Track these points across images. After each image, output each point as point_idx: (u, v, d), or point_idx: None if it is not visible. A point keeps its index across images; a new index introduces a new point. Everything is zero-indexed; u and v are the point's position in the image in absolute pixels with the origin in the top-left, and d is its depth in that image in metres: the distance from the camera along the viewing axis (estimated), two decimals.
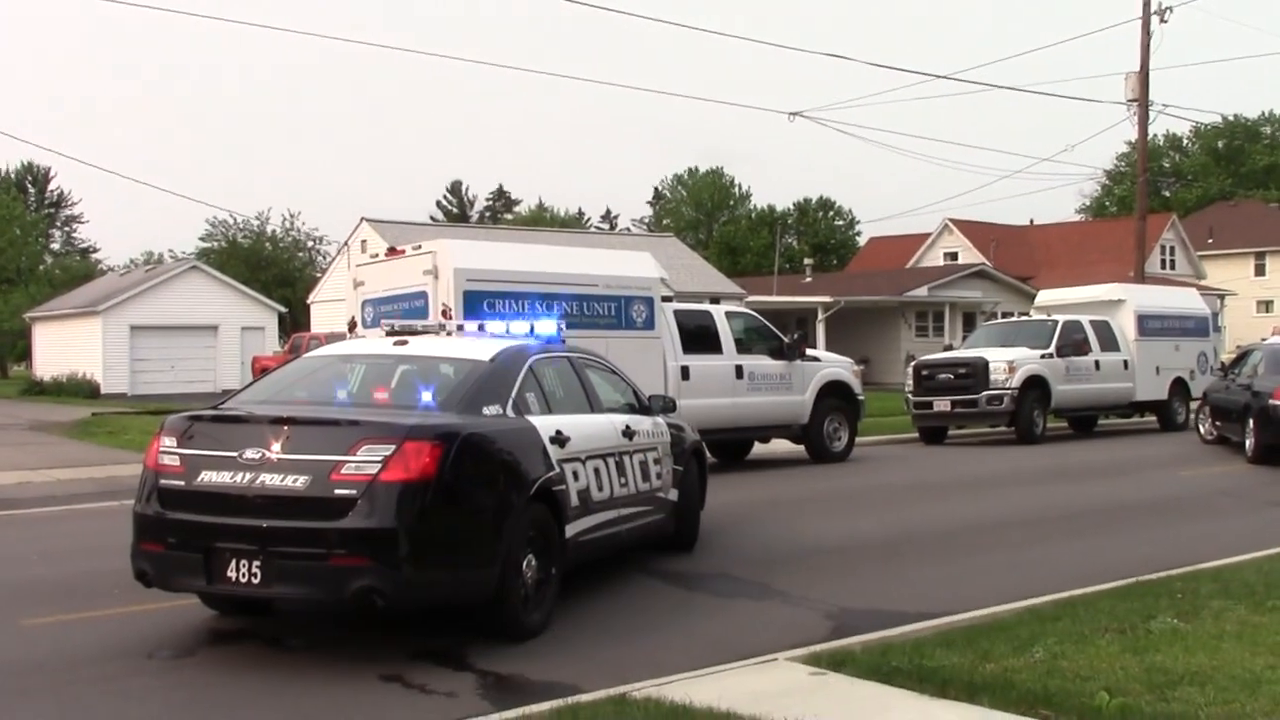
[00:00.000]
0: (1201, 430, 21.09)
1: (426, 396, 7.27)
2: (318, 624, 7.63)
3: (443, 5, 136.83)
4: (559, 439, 7.62)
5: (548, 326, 8.93)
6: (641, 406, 9.56)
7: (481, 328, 9.06)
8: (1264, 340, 23.62)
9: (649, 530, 9.31)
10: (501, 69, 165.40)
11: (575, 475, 7.79)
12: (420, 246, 14.36)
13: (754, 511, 12.59)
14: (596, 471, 8.14)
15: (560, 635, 7.21)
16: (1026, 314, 26.19)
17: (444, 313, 12.38)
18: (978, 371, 21.14)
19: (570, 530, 7.66)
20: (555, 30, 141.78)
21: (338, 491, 6.34)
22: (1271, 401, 16.59)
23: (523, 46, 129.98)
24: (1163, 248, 58.09)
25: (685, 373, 15.70)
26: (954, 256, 58.93)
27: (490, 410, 7.32)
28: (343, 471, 6.37)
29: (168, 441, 6.88)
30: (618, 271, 15.29)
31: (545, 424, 7.62)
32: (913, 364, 22.98)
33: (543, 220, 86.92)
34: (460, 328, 9.25)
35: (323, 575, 6.37)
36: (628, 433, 8.82)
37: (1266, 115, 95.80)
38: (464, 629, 7.03)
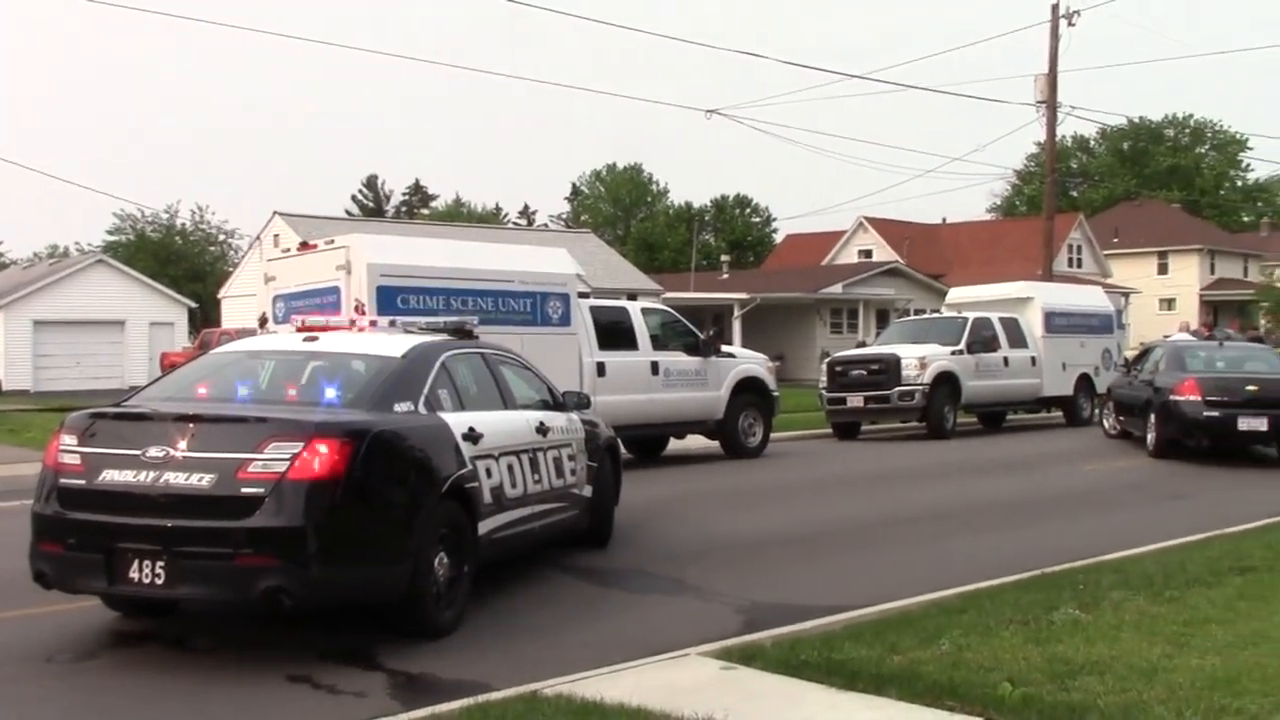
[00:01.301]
0: (1105, 425, 21.59)
1: (336, 393, 7.19)
2: (224, 624, 7.50)
3: None
4: (472, 436, 7.58)
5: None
6: (556, 403, 9.54)
7: (394, 323, 8.98)
8: (1168, 337, 24.26)
9: (563, 527, 9.30)
10: (419, 63, 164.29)
11: (488, 472, 7.76)
12: (333, 241, 14.20)
13: (669, 507, 12.64)
14: (510, 468, 8.11)
15: (473, 633, 7.18)
16: (938, 311, 26.60)
17: (357, 308, 12.23)
18: (890, 368, 21.40)
19: (483, 527, 7.63)
20: (474, 25, 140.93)
21: (244, 490, 6.24)
22: (1172, 397, 17.03)
23: (440, 41, 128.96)
24: (1070, 246, 59.33)
25: (601, 369, 15.70)
26: (868, 254, 59.67)
27: (402, 407, 7.25)
28: (250, 469, 6.27)
29: (68, 440, 6.72)
30: (533, 267, 15.25)
31: (458, 421, 7.58)
32: (827, 360, 23.20)
33: (460, 216, 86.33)
34: (373, 323, 9.16)
35: (229, 575, 6.27)
36: (542, 429, 8.80)
37: (1170, 118, 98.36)
38: (374, 627, 6.96)
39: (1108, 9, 35.71)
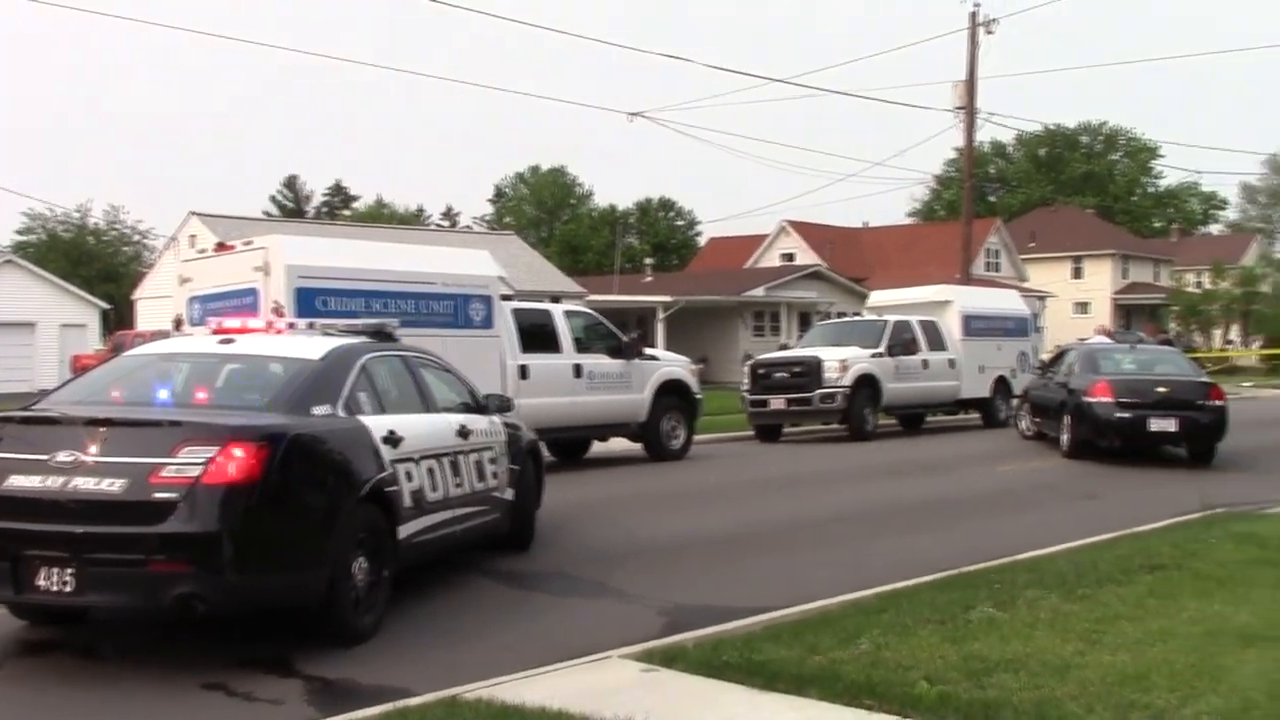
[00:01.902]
0: (1021, 426, 21.94)
1: (253, 396, 7.10)
2: (136, 632, 7.35)
3: None
4: (392, 439, 7.51)
5: None
6: (478, 406, 9.49)
7: (312, 325, 8.87)
8: (1084, 340, 24.75)
9: (485, 530, 9.25)
10: (340, 62, 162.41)
11: (409, 475, 7.69)
12: (251, 242, 13.99)
13: (591, 510, 12.62)
14: (431, 472, 8.05)
15: (392, 638, 7.11)
16: (859, 314, 26.85)
17: (275, 310, 12.07)
18: (812, 370, 21.57)
19: (404, 531, 7.56)
20: (397, 24, 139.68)
21: (157, 495, 6.13)
22: (1086, 399, 17.37)
23: (363, 40, 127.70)
24: (988, 251, 60.30)
25: (524, 372, 15.64)
26: (791, 257, 60.12)
27: (320, 410, 7.17)
28: (163, 474, 6.15)
29: None
30: (456, 270, 15.15)
31: (378, 424, 7.50)
32: (749, 363, 23.33)
33: (381, 217, 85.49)
34: (291, 325, 9.04)
35: (141, 582, 6.14)
36: (463, 432, 8.75)
37: (1084, 125, 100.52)
38: (292, 633, 6.87)
39: (1025, 18, 36.37)
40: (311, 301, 13.02)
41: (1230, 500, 12.63)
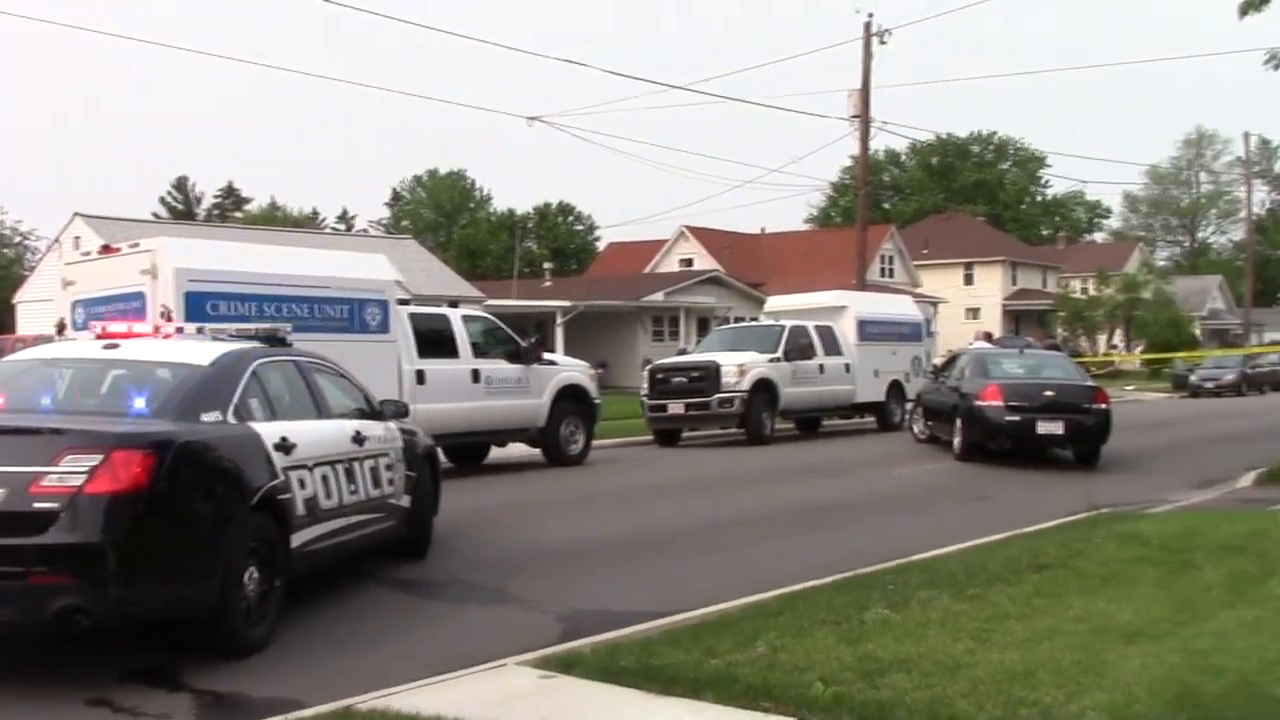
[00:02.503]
0: (915, 430, 22.33)
1: (139, 403, 6.91)
2: (15, 646, 7.10)
3: None
4: (284, 446, 7.37)
5: None
6: (373, 411, 9.36)
7: (201, 330, 8.68)
8: (971, 345, 25.27)
9: (380, 537, 9.13)
10: (233, 61, 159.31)
11: (302, 483, 7.56)
12: (138, 244, 13.66)
13: (489, 516, 12.54)
14: (325, 479, 7.92)
15: (285, 649, 6.98)
16: (757, 319, 27.08)
17: (164, 315, 11.78)
18: (710, 375, 21.70)
19: (297, 540, 7.43)
20: (292, 24, 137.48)
21: (37, 505, 5.93)
22: (977, 402, 17.74)
23: (257, 39, 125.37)
24: (882, 257, 61.27)
25: (421, 377, 15.48)
26: (689, 263, 60.43)
27: (209, 417, 7.01)
28: (43, 483, 5.96)
29: None
30: (351, 273, 14.95)
31: (270, 430, 7.36)
32: (648, 368, 23.40)
33: (275, 220, 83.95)
34: (179, 330, 8.83)
35: (20, 595, 5.94)
36: (358, 438, 8.63)
37: (975, 135, 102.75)
38: (180, 646, 6.70)
39: (918, 30, 37.08)
40: (201, 306, 12.75)
41: (1114, 501, 12.99)
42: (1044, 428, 17.29)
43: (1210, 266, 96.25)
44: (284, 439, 7.40)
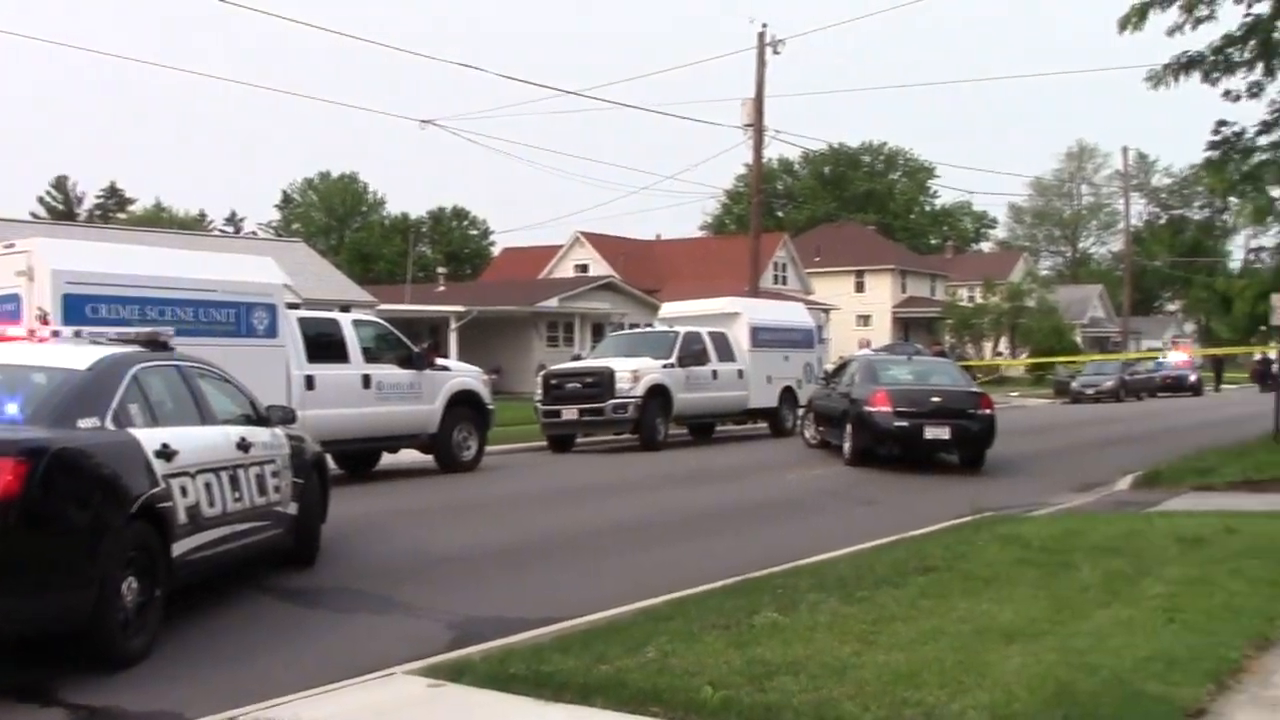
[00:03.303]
0: (807, 435, 22.61)
1: (12, 409, 6.71)
2: None
3: None
4: (165, 453, 7.19)
5: None
6: (259, 417, 9.19)
7: (79, 334, 8.43)
8: (860, 351, 25.70)
9: (267, 545, 8.96)
10: (114, 58, 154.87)
11: (184, 490, 7.38)
12: (14, 245, 13.22)
13: (380, 523, 12.38)
14: (208, 486, 7.75)
15: (165, 661, 6.80)
16: (651, 325, 27.15)
17: (40, 318, 11.43)
18: (604, 380, 21.70)
19: (178, 549, 7.25)
20: (177, 21, 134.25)
21: None
22: (866, 408, 18.02)
23: (142, 34, 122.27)
24: (776, 264, 61.93)
25: (310, 382, 15.23)
26: (585, 268, 60.48)
27: (86, 423, 6.81)
28: None
29: None
30: (238, 276, 14.66)
31: (150, 437, 7.17)
32: (542, 373, 23.33)
33: (160, 221, 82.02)
34: (55, 334, 8.57)
35: None
36: (243, 445, 8.45)
37: (866, 145, 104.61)
38: (54, 659, 6.49)
39: (810, 40, 37.60)
40: (80, 309, 12.39)
41: (998, 504, 13.30)
42: (931, 433, 17.63)
43: (1091, 276, 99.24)
44: (165, 446, 7.22)
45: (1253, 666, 6.07)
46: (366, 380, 16.12)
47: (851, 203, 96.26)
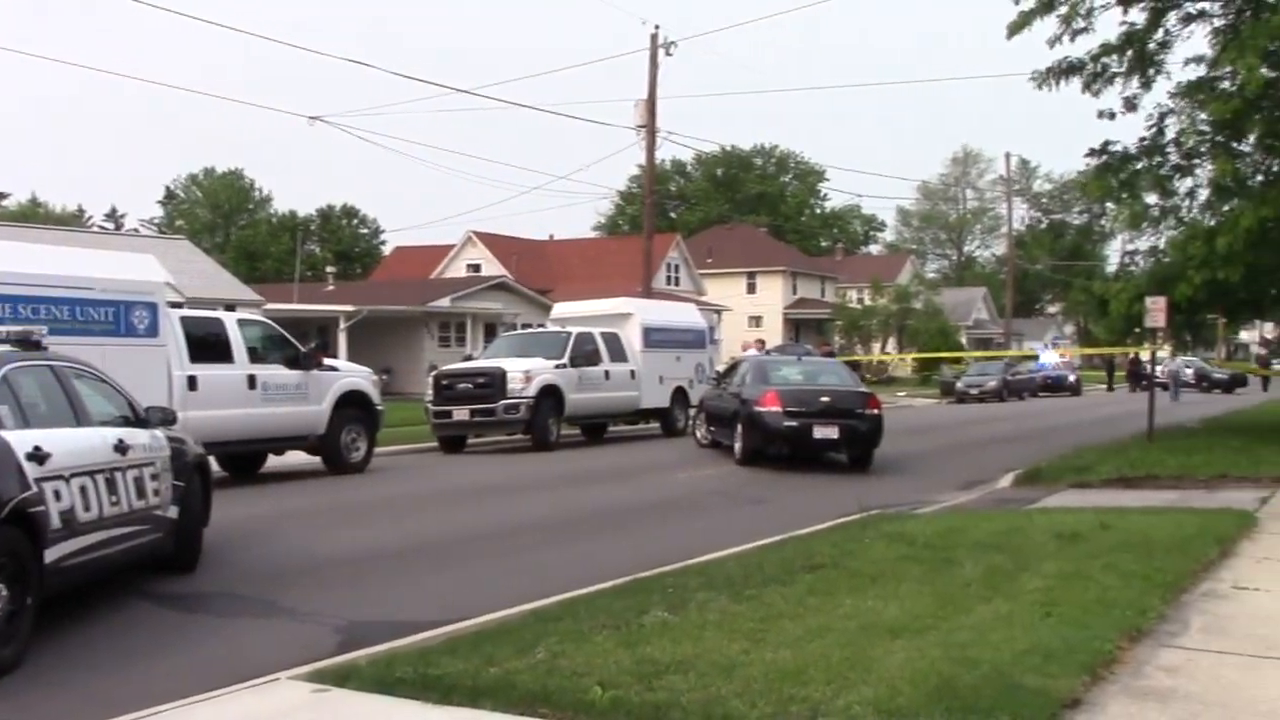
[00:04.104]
0: (698, 435, 22.75)
1: None
2: None
3: None
4: (38, 455, 6.95)
5: None
6: (138, 419, 8.95)
7: None
8: (744, 353, 25.95)
9: (146, 550, 8.73)
10: None
11: (57, 494, 7.14)
12: None
13: (265, 526, 12.15)
14: (83, 490, 7.51)
15: (39, 670, 6.58)
16: (544, 326, 27.08)
17: None
18: (496, 381, 21.58)
19: (51, 555, 7.01)
20: (53, 10, 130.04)
21: None
22: (756, 408, 18.20)
23: (14, 22, 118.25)
24: (668, 265, 62.22)
25: (192, 383, 14.89)
26: (477, 268, 60.09)
27: None
28: None
29: None
30: (117, 274, 14.24)
31: (21, 439, 6.92)
32: (433, 374, 23.12)
33: (36, 217, 79.37)
34: None
35: None
36: (121, 448, 8.22)
37: (758, 148, 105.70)
38: None
39: (702, 42, 37.91)
40: None
41: (884, 502, 13.53)
42: (820, 432, 17.87)
43: (975, 278, 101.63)
44: (37, 448, 6.98)
45: (1125, 657, 6.26)
46: (251, 381, 15.82)
47: (743, 204, 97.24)
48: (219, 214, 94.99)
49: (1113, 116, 19.64)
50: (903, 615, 7.16)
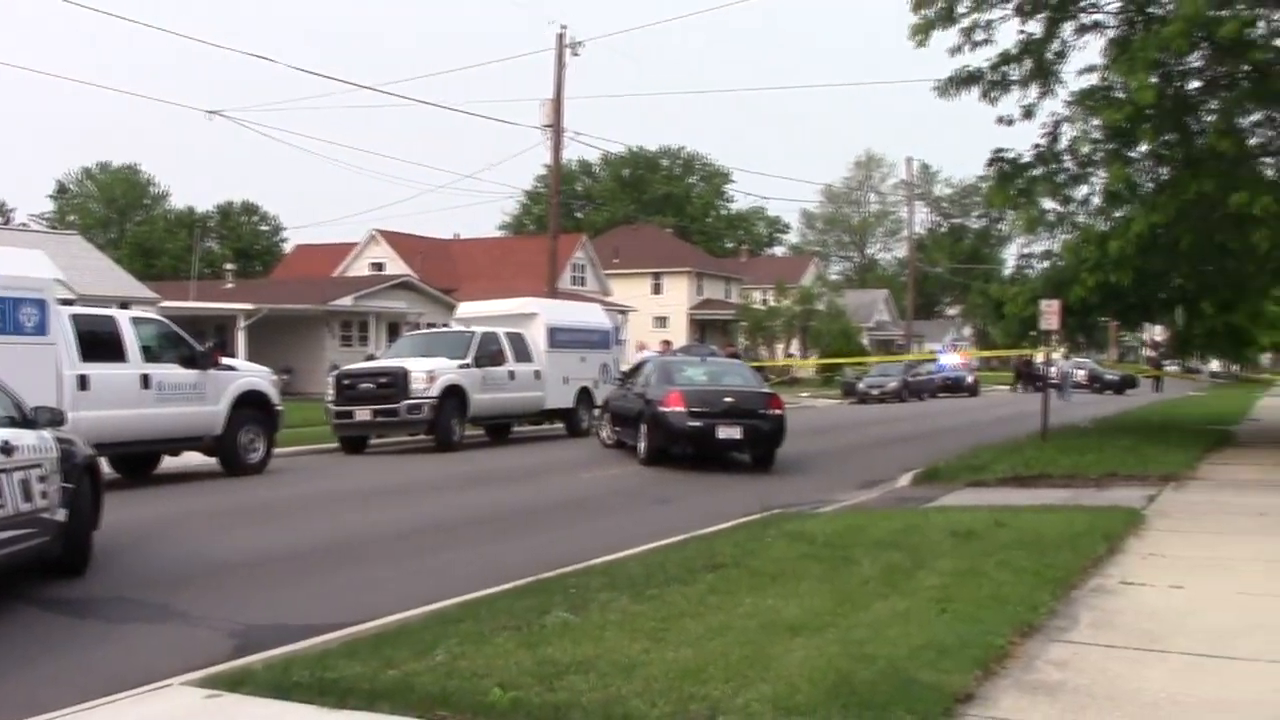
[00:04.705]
0: (603, 435, 22.76)
1: None
2: None
3: None
4: None
5: None
6: (25, 419, 8.69)
7: None
8: (643, 353, 26.06)
9: (33, 554, 8.49)
10: None
11: None
12: None
13: (159, 529, 11.88)
14: None
15: None
16: (448, 325, 26.87)
17: None
18: (399, 381, 21.37)
19: None
20: None
21: None
22: (660, 408, 18.26)
23: None
24: (574, 265, 62.15)
25: (83, 382, 14.50)
26: (380, 267, 59.42)
27: None
28: None
29: None
30: (3, 270, 13.82)
31: None
32: (334, 373, 22.82)
33: None
34: None
35: None
36: (5, 449, 7.98)
37: (665, 149, 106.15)
38: None
39: (608, 43, 37.87)
40: None
41: (786, 501, 13.67)
42: (724, 432, 17.99)
43: (878, 281, 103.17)
44: None
45: (1016, 652, 6.40)
46: (146, 380, 15.46)
47: (650, 205, 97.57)
48: (114, 209, 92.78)
49: (1011, 123, 20.09)
50: (802, 613, 7.23)
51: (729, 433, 18.03)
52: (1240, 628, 7.09)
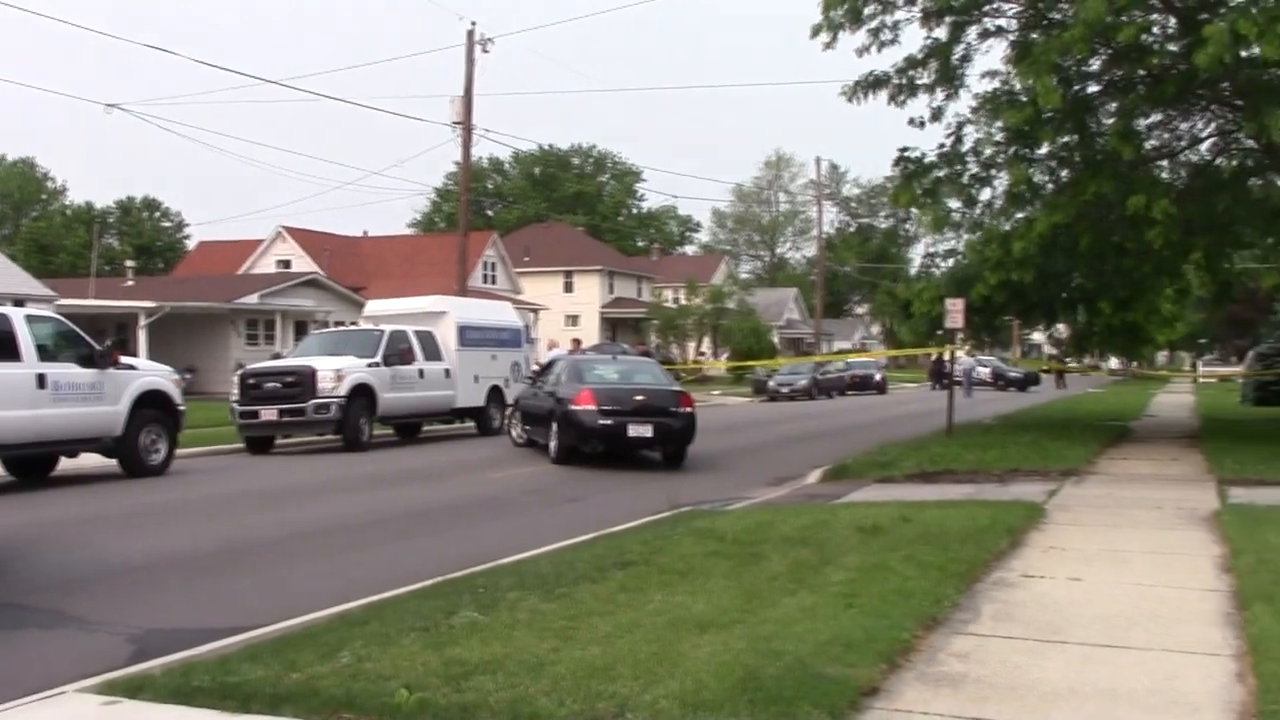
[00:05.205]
0: (514, 434, 22.66)
1: None
2: None
3: None
4: None
5: None
6: None
7: None
8: (551, 351, 26.02)
9: None
10: None
11: None
12: None
13: (53, 532, 11.56)
14: None
15: None
16: (356, 323, 26.56)
17: None
18: (305, 380, 21.07)
19: None
20: None
21: None
22: (571, 407, 18.23)
23: None
24: (485, 264, 61.85)
25: None
26: (287, 264, 58.54)
27: None
28: None
29: None
30: None
31: None
32: (239, 372, 22.43)
33: None
34: None
35: None
36: None
37: (576, 147, 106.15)
38: None
39: (520, 40, 37.80)
40: None
41: (695, 499, 13.71)
42: (634, 431, 18.01)
43: (788, 280, 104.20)
44: None
45: (921, 645, 6.49)
46: (41, 380, 15.04)
47: (561, 204, 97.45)
48: (8, 204, 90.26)
49: (923, 125, 20.41)
50: (710, 610, 7.26)
51: (640, 431, 18.05)
52: (1135, 617, 7.27)
